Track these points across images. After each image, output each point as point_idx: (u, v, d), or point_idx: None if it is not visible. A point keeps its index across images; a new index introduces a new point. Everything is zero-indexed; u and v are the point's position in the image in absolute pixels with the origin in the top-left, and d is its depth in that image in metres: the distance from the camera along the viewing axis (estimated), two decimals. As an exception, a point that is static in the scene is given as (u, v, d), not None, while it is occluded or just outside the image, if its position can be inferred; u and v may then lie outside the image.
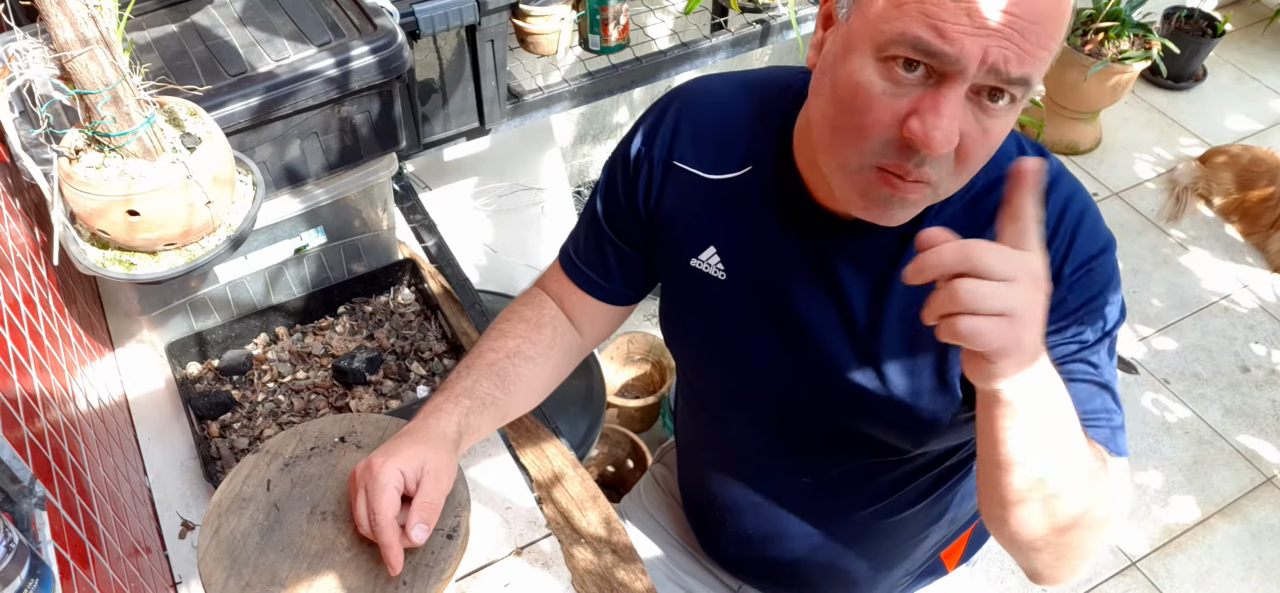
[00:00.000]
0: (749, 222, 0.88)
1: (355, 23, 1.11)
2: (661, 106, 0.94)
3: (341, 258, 1.26)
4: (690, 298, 0.95)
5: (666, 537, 1.27)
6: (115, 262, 0.92)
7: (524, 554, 1.04)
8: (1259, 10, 3.67)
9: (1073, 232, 0.79)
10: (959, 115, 0.66)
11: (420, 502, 0.82)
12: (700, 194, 0.90)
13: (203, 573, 0.82)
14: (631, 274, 1.01)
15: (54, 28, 0.77)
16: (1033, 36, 0.63)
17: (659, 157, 0.92)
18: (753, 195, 0.87)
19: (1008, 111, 0.68)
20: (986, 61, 0.63)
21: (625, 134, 0.97)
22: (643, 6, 1.84)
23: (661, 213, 0.93)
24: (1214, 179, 2.87)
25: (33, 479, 0.66)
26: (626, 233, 0.98)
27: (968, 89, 0.66)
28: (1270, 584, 2.04)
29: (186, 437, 1.13)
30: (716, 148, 0.90)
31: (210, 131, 0.93)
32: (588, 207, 1.01)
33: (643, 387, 2.36)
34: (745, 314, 0.91)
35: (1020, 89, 0.66)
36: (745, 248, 0.89)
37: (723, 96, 0.92)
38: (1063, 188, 0.80)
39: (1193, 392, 2.40)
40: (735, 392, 0.98)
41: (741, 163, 0.88)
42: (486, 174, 1.97)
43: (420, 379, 1.19)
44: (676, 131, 0.92)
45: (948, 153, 0.68)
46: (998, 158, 0.78)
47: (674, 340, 1.03)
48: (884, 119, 0.68)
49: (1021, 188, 0.65)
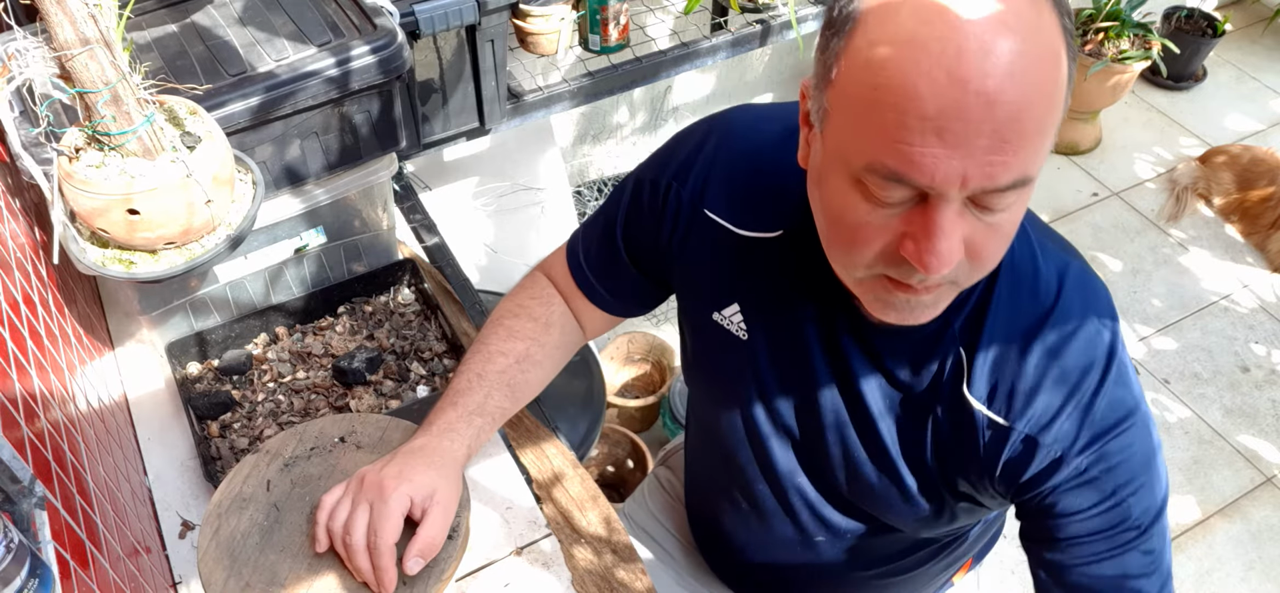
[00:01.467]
0: (776, 287, 0.83)
1: (355, 23, 1.11)
2: (698, 141, 0.87)
3: (341, 258, 1.26)
4: (711, 349, 0.91)
5: (672, 539, 1.27)
6: (115, 261, 0.92)
7: (524, 554, 1.04)
8: (1259, 10, 3.67)
9: (1088, 403, 0.73)
10: (957, 229, 0.61)
11: (424, 536, 0.82)
12: (730, 248, 0.85)
13: (203, 573, 0.82)
14: (641, 295, 0.98)
15: (54, 27, 0.77)
16: (1017, 137, 0.57)
17: (688, 198, 0.86)
18: (782, 261, 0.82)
19: (1015, 204, 0.63)
20: (968, 183, 0.58)
21: (655, 158, 0.91)
22: (643, 6, 1.84)
23: (686, 257, 0.88)
24: (1214, 179, 2.87)
25: (33, 479, 0.66)
26: (644, 260, 0.93)
27: (965, 198, 0.61)
28: (1270, 584, 2.04)
29: (186, 437, 1.13)
30: (750, 203, 0.83)
31: (210, 131, 0.92)
32: (603, 217, 0.96)
33: (643, 387, 2.36)
34: (763, 380, 0.87)
35: (1019, 190, 0.61)
36: (770, 313, 0.85)
37: (762, 145, 0.84)
38: (1083, 340, 0.74)
39: (1193, 392, 2.40)
40: (748, 449, 0.95)
41: (774, 224, 0.82)
42: (486, 174, 1.97)
43: (420, 379, 1.19)
44: (709, 177, 0.85)
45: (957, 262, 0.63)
46: (1032, 285, 0.74)
47: (691, 381, 1.00)
48: (876, 243, 0.64)
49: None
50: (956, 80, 0.55)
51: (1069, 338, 0.74)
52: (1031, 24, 0.57)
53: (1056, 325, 0.74)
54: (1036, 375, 0.74)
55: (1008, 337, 0.75)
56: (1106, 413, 0.73)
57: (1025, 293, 0.75)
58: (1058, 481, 0.74)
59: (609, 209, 0.95)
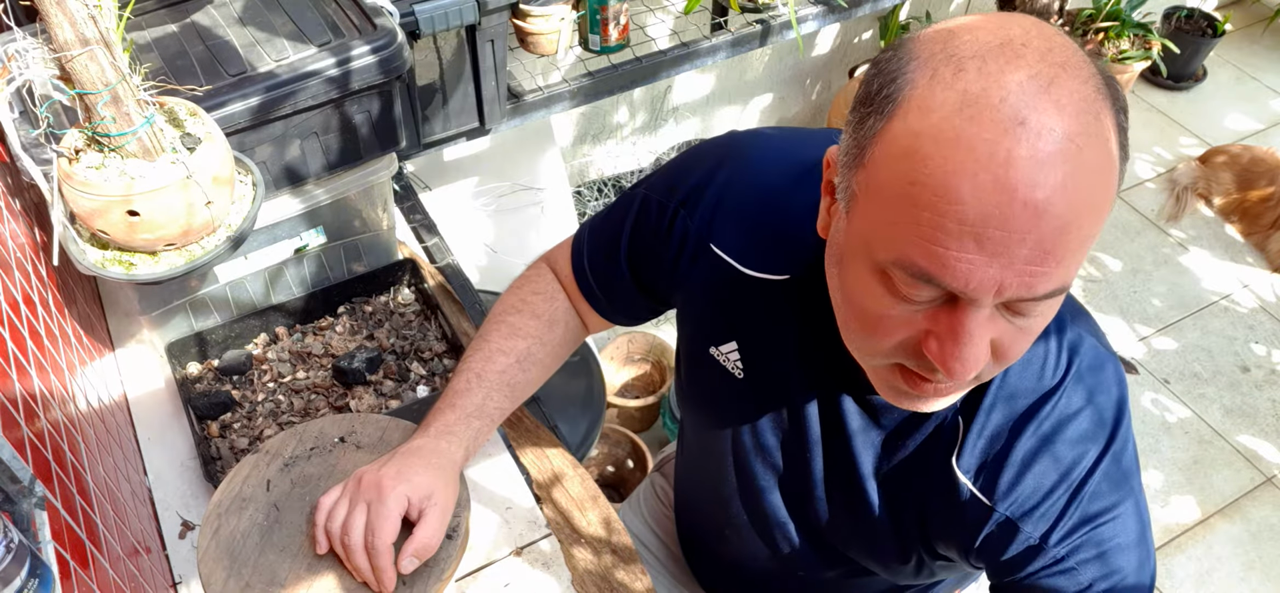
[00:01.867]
0: (777, 331, 0.81)
1: (355, 23, 1.11)
2: (709, 168, 0.84)
3: (341, 258, 1.26)
4: (705, 382, 0.90)
5: (663, 548, 1.27)
6: (115, 262, 0.92)
7: (524, 554, 1.04)
8: (1259, 10, 3.67)
9: (1073, 491, 0.70)
10: (986, 333, 0.57)
11: (420, 538, 0.82)
12: (733, 285, 0.82)
13: (202, 573, 0.82)
14: (639, 309, 0.96)
15: (54, 28, 0.77)
16: (1062, 249, 0.53)
17: (696, 229, 0.83)
18: (786, 306, 0.79)
19: (1048, 310, 0.59)
20: (1003, 292, 0.54)
21: (665, 174, 0.88)
22: (643, 6, 1.84)
23: (689, 287, 0.86)
24: (1214, 179, 2.87)
25: (33, 479, 0.66)
26: (646, 279, 0.91)
27: (998, 304, 0.57)
28: (1270, 584, 2.04)
29: (186, 437, 1.13)
30: (758, 243, 0.80)
31: (210, 132, 0.93)
32: (609, 226, 0.93)
33: (643, 387, 2.36)
34: (755, 421, 0.86)
35: (1056, 298, 0.57)
36: (768, 357, 0.82)
37: (776, 184, 0.80)
38: (1078, 428, 0.71)
39: (1193, 392, 2.40)
40: (735, 481, 0.94)
41: (782, 268, 0.79)
42: (486, 174, 1.97)
43: (420, 379, 1.19)
44: (718, 210, 0.82)
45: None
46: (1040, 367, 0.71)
47: (684, 408, 0.99)
48: (898, 335, 0.61)
49: None
50: (1004, 188, 0.51)
51: (1066, 424, 0.71)
52: (1089, 130, 0.53)
53: (1056, 410, 0.71)
54: (1025, 459, 0.71)
55: (1005, 414, 0.72)
56: (1091, 502, 0.70)
57: (1032, 370, 0.72)
58: (1036, 567, 0.71)
59: (615, 221, 0.92)
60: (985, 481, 0.73)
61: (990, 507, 0.72)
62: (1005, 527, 0.72)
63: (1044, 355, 0.72)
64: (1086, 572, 0.70)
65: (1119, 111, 0.56)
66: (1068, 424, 0.71)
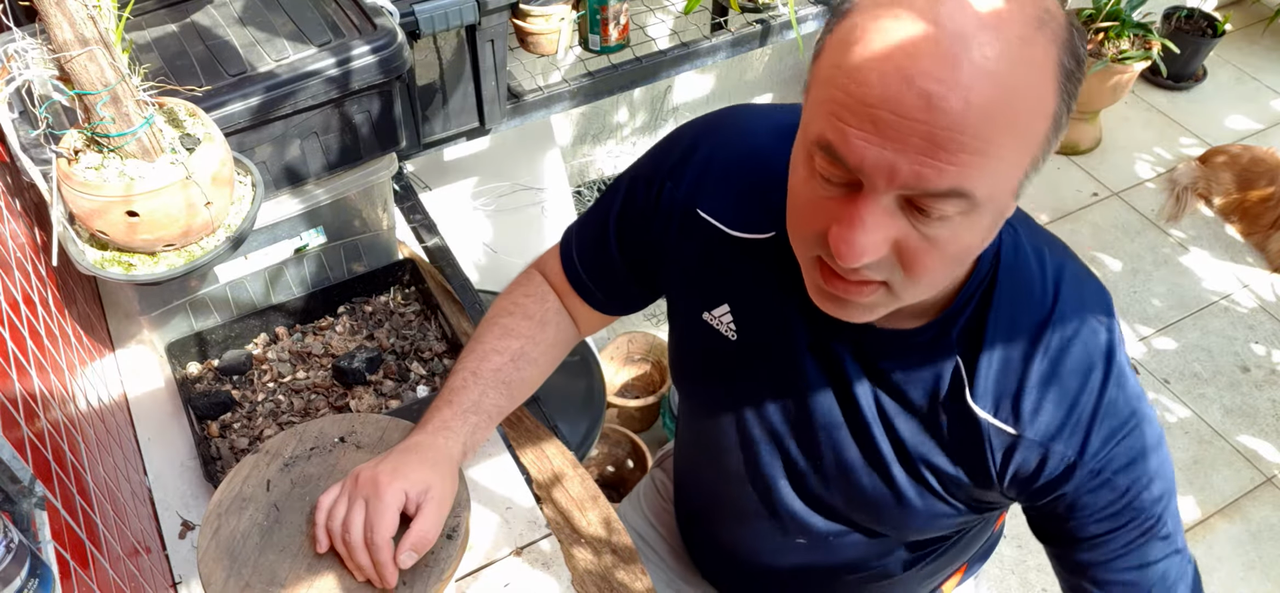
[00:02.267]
0: (767, 288, 0.83)
1: (355, 23, 1.11)
2: (691, 141, 0.87)
3: (341, 258, 1.26)
4: (699, 350, 0.91)
5: (664, 544, 1.27)
6: (115, 262, 0.92)
7: (524, 554, 1.04)
8: (1259, 10, 3.67)
9: (1094, 407, 0.74)
10: (882, 228, 0.61)
11: (417, 531, 0.82)
12: (721, 248, 0.84)
13: (203, 573, 0.82)
14: (631, 294, 0.98)
15: (53, 28, 0.77)
16: (953, 147, 0.56)
17: (682, 198, 0.86)
18: (775, 262, 0.81)
19: (958, 224, 0.61)
20: (897, 178, 0.58)
21: (648, 157, 0.91)
22: (643, 6, 1.84)
23: (678, 257, 0.88)
24: (1214, 179, 2.87)
25: (33, 479, 0.66)
26: (635, 261, 0.93)
27: (898, 198, 0.60)
28: (1270, 584, 2.04)
29: (186, 437, 1.13)
30: (743, 204, 0.83)
31: (210, 132, 0.92)
32: (597, 215, 0.95)
33: (643, 387, 2.36)
34: (753, 381, 0.87)
35: (955, 203, 0.59)
36: (761, 314, 0.84)
37: (756, 147, 0.84)
38: (1081, 345, 0.74)
39: (1193, 392, 2.40)
40: (737, 451, 0.94)
41: (767, 225, 0.82)
42: (486, 174, 1.98)
43: (420, 379, 1.19)
44: (703, 177, 0.85)
45: (877, 261, 0.63)
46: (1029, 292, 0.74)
47: (679, 381, 1.00)
48: (811, 222, 0.65)
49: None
50: (904, 76, 0.56)
51: (1070, 342, 0.74)
52: (1009, 49, 0.56)
53: (1057, 329, 0.74)
54: (1042, 382, 0.74)
55: (1009, 343, 0.75)
56: (1113, 415, 0.74)
57: (1023, 298, 0.75)
58: (1073, 485, 0.75)
59: (602, 208, 0.95)
60: (1006, 411, 0.75)
61: (1017, 436, 0.75)
62: (1036, 451, 0.75)
63: (1031, 279, 0.75)
64: (1121, 480, 0.74)
65: (1066, 54, 0.59)
66: (1072, 343, 0.74)
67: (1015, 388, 0.75)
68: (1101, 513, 0.76)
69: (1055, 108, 0.60)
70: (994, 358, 0.75)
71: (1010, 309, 0.74)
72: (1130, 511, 0.75)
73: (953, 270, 0.67)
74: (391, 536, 0.80)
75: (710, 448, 0.98)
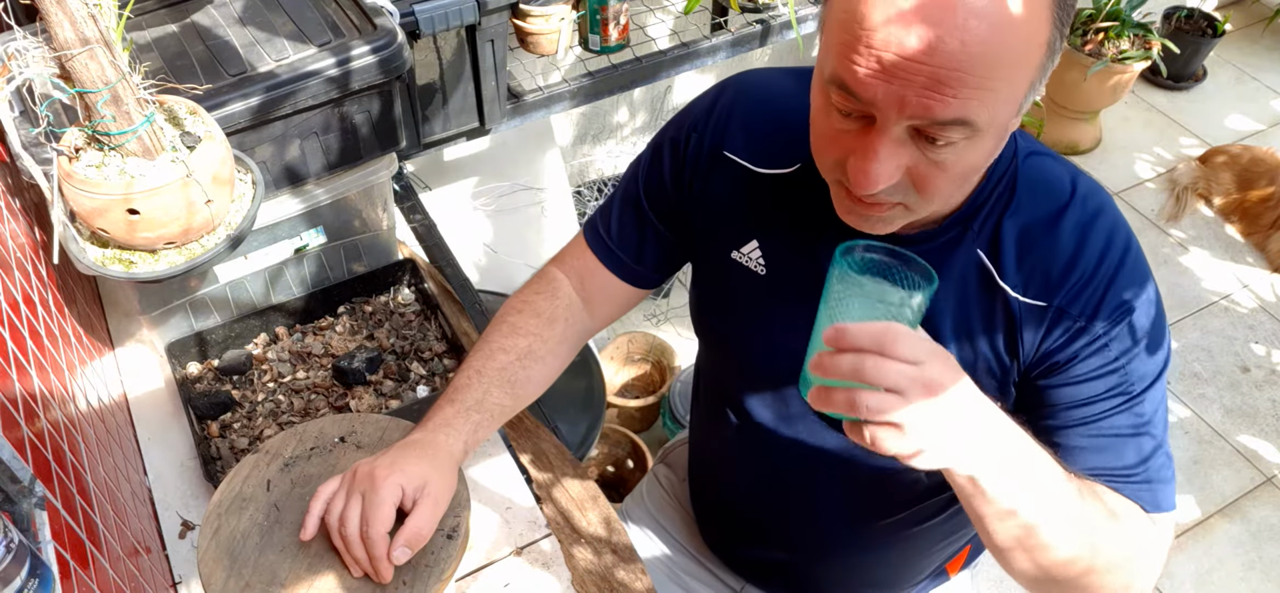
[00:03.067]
0: (795, 220, 0.87)
1: (355, 23, 1.11)
2: (714, 94, 0.94)
3: (341, 258, 1.26)
4: (728, 290, 0.94)
5: (670, 538, 1.27)
6: (115, 261, 0.92)
7: (524, 554, 1.04)
8: (1259, 10, 3.67)
9: (1111, 276, 0.78)
10: (894, 157, 0.66)
11: (412, 526, 0.82)
12: (747, 186, 0.90)
13: (202, 573, 0.82)
14: (664, 257, 1.00)
15: (54, 27, 0.77)
16: (955, 83, 0.62)
17: (708, 144, 0.91)
18: (801, 193, 0.86)
19: (965, 146, 0.67)
20: (906, 109, 0.63)
21: (674, 117, 0.96)
22: (643, 6, 1.84)
23: (706, 200, 0.93)
24: (1214, 179, 2.87)
25: (33, 479, 0.66)
26: (666, 214, 0.97)
27: (907, 128, 0.66)
28: (1270, 584, 2.04)
29: (186, 437, 1.13)
30: (768, 141, 0.89)
31: (210, 131, 0.92)
32: (625, 187, 1.00)
33: (643, 387, 2.36)
34: (783, 312, 0.90)
35: (959, 130, 0.65)
36: (788, 245, 0.89)
37: (778, 89, 0.91)
38: (1103, 223, 0.79)
39: (1193, 392, 2.40)
40: (766, 390, 0.96)
41: (792, 159, 0.87)
42: (486, 174, 1.97)
43: (420, 379, 1.19)
44: (728, 120, 0.91)
45: (891, 187, 0.68)
46: (1048, 187, 0.79)
47: (706, 331, 1.02)
48: (831, 151, 0.71)
49: None
50: (903, 20, 0.61)
51: (1093, 218, 0.79)
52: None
53: (1077, 210, 0.79)
54: (1068, 252, 0.78)
55: (1032, 229, 0.79)
56: (1128, 284, 0.78)
57: (1041, 193, 0.80)
58: (1078, 346, 0.78)
59: (630, 175, 1.00)
60: (1037, 288, 0.79)
61: (1046, 306, 0.79)
62: (1058, 316, 0.79)
63: (1048, 179, 0.81)
64: (1116, 346, 0.78)
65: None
66: (1095, 218, 0.79)
67: (1044, 264, 0.79)
68: (1089, 377, 0.79)
69: (1049, 35, 0.64)
70: (1018, 245, 0.79)
71: (1030, 201, 0.80)
72: (1114, 377, 0.78)
73: (962, 187, 0.73)
74: (387, 530, 0.80)
75: (739, 397, 0.99)
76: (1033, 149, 0.82)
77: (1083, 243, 0.78)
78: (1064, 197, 0.80)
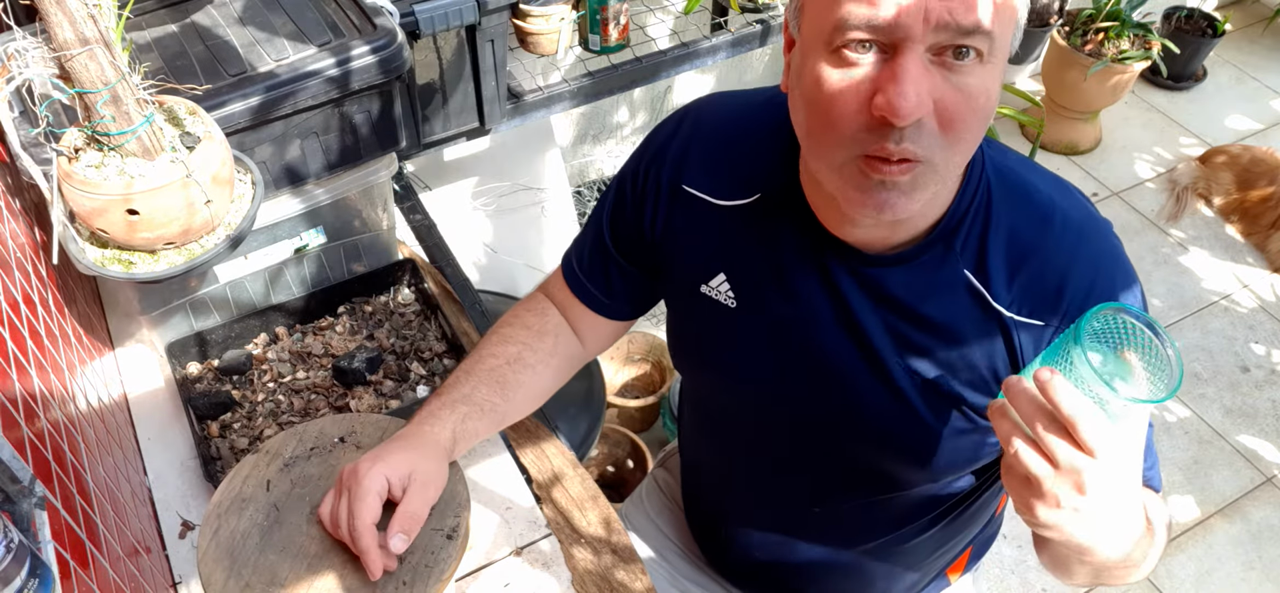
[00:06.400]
0: (760, 249, 0.86)
1: (355, 23, 1.11)
2: (671, 127, 0.92)
3: (341, 258, 1.26)
4: (699, 324, 0.93)
5: (668, 543, 1.27)
6: (115, 261, 0.92)
7: (524, 554, 1.04)
8: (1259, 10, 3.67)
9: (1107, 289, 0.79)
10: (924, 80, 0.64)
11: (402, 512, 0.82)
12: (711, 220, 0.88)
13: (202, 573, 0.82)
14: (634, 293, 0.99)
15: (53, 27, 0.77)
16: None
17: (667, 179, 0.90)
18: (763, 222, 0.85)
19: (981, 69, 0.66)
20: (930, 19, 0.62)
21: (634, 153, 0.95)
22: (643, 6, 1.84)
23: (670, 237, 0.91)
24: (1214, 179, 2.87)
25: (33, 479, 0.66)
26: (632, 253, 0.96)
27: (928, 52, 0.64)
28: (1270, 584, 2.04)
29: (186, 437, 1.13)
30: (727, 173, 0.87)
31: (210, 131, 0.92)
32: (593, 220, 0.99)
33: (643, 387, 2.36)
34: (756, 344, 0.89)
35: (982, 40, 0.64)
36: (756, 276, 0.87)
37: (734, 119, 0.89)
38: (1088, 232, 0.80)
39: (1193, 392, 2.40)
40: (747, 420, 0.96)
41: (751, 189, 0.86)
42: (486, 174, 1.97)
43: (420, 379, 1.19)
44: (686, 154, 0.89)
45: (926, 121, 0.66)
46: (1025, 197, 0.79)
47: (683, 364, 1.01)
48: (852, 106, 0.67)
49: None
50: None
51: (1078, 231, 0.79)
52: None
53: (1060, 221, 0.79)
54: (1060, 271, 0.78)
55: (1018, 244, 0.78)
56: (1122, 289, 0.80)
57: (1022, 205, 0.79)
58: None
59: (597, 214, 0.99)
60: (1032, 305, 0.79)
61: (1043, 325, 0.79)
62: (1058, 332, 0.79)
63: (1027, 189, 0.80)
64: None
65: None
66: (1080, 235, 0.79)
67: (1036, 284, 0.78)
68: None
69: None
70: (1006, 264, 0.78)
71: (1009, 213, 0.79)
72: None
73: (978, 131, 0.70)
74: (373, 521, 0.81)
75: (720, 426, 0.99)
76: (997, 156, 0.81)
77: (1072, 259, 0.78)
78: (1044, 208, 0.79)
